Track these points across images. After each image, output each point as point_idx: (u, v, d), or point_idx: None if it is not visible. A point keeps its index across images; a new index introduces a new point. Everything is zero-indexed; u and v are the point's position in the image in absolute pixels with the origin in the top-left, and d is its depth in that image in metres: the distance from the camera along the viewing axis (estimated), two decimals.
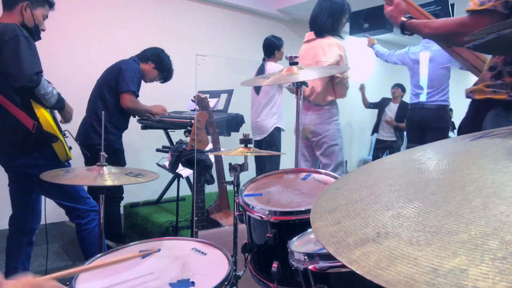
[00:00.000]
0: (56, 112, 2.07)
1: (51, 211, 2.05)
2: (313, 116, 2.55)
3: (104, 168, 1.35)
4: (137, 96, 2.70)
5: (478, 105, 1.21)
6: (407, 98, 5.35)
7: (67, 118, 2.15)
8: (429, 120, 3.62)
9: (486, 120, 1.17)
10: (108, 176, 1.31)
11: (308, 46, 2.60)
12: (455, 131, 5.43)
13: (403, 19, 1.40)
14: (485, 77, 1.21)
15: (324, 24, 2.50)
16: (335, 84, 2.47)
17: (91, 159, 1.97)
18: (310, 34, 2.62)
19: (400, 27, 1.42)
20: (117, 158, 2.68)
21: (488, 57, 1.34)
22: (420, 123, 3.69)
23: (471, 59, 1.47)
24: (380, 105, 5.58)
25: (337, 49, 2.44)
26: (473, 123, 1.23)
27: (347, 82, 2.48)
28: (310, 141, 2.63)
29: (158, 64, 2.85)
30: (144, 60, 2.83)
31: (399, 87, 5.44)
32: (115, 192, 2.75)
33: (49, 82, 1.92)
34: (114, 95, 2.65)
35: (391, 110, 5.45)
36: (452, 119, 5.30)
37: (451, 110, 5.33)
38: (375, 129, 5.66)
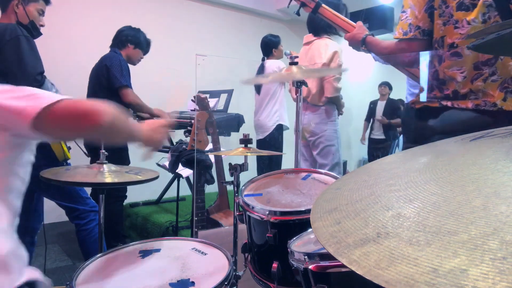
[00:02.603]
0: None
1: (51, 211, 2.05)
2: (310, 116, 2.60)
3: (104, 166, 1.35)
4: (132, 88, 2.70)
5: (418, 112, 1.47)
6: (398, 96, 5.50)
7: None
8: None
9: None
10: (108, 174, 1.31)
11: (306, 48, 2.65)
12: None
13: (364, 36, 1.64)
14: (421, 89, 1.47)
15: (319, 23, 2.54)
16: (323, 82, 2.53)
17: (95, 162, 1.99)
18: (308, 36, 2.68)
19: (361, 42, 1.65)
20: (120, 157, 2.67)
21: None
22: (415, 123, 3.67)
23: (416, 73, 1.70)
24: (371, 109, 5.71)
25: (332, 48, 2.50)
26: (417, 127, 1.51)
27: (335, 80, 2.51)
28: (307, 141, 2.66)
29: (137, 43, 2.80)
30: (122, 46, 2.78)
31: (386, 85, 5.58)
32: (119, 191, 2.74)
33: (52, 84, 1.92)
34: (108, 94, 2.61)
35: (380, 108, 5.59)
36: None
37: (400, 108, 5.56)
38: (369, 129, 5.77)
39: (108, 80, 2.61)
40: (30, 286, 0.78)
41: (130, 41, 2.78)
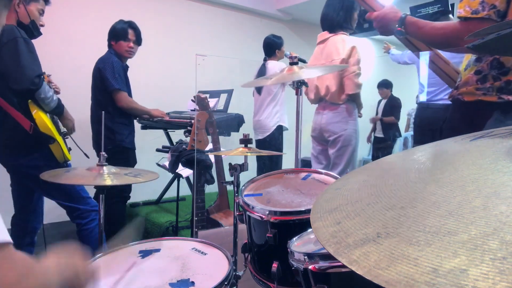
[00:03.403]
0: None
1: (51, 211, 2.05)
2: (330, 114, 2.50)
3: (104, 168, 1.35)
4: (126, 90, 2.66)
5: (468, 106, 1.28)
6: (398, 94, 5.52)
7: (69, 127, 2.11)
8: (434, 120, 3.56)
9: (486, 126, 1.22)
10: (107, 175, 1.31)
11: (321, 46, 2.56)
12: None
13: (403, 15, 1.36)
14: (470, 80, 1.28)
15: (336, 18, 2.46)
16: (342, 79, 2.42)
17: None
18: (322, 34, 2.57)
19: (399, 21, 1.37)
20: (126, 157, 2.67)
21: (461, 64, 1.41)
22: (425, 123, 3.64)
23: (440, 65, 1.56)
24: (377, 108, 5.74)
25: (349, 43, 2.42)
26: (462, 122, 1.31)
27: (355, 76, 2.41)
28: (325, 141, 2.58)
29: (114, 36, 2.70)
30: (109, 46, 2.74)
31: (383, 87, 5.57)
32: (122, 191, 2.74)
33: (50, 87, 1.92)
34: (106, 95, 2.62)
35: (381, 107, 5.61)
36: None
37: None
38: (374, 128, 5.79)
39: (102, 82, 2.60)
40: None
41: (109, 38, 2.73)
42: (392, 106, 5.49)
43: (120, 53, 2.71)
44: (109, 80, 2.57)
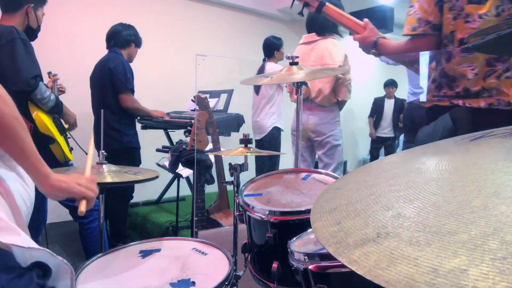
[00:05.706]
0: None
1: (51, 211, 2.05)
2: (317, 116, 2.57)
3: (104, 166, 1.35)
4: (133, 92, 2.71)
5: (427, 111, 1.44)
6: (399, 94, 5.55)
7: (70, 123, 2.15)
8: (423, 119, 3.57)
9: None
10: (107, 174, 1.31)
11: (308, 47, 2.61)
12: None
13: (376, 39, 1.58)
14: (430, 88, 1.43)
15: (324, 22, 2.51)
16: (338, 85, 2.51)
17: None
18: (309, 36, 2.63)
19: (373, 45, 1.59)
20: (133, 157, 2.69)
21: None
22: (416, 122, 3.66)
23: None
24: (376, 106, 5.68)
25: (342, 49, 2.49)
26: (427, 125, 1.45)
27: (349, 84, 2.53)
28: (311, 141, 2.65)
29: (137, 42, 2.83)
30: (126, 45, 2.76)
31: (393, 86, 5.57)
32: (125, 190, 2.74)
33: (47, 87, 1.92)
34: (114, 96, 2.62)
35: (388, 107, 5.60)
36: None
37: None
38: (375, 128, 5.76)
39: (112, 83, 2.59)
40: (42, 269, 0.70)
41: (134, 41, 2.78)
42: (402, 108, 5.50)
43: (131, 57, 2.81)
44: (121, 80, 2.58)
